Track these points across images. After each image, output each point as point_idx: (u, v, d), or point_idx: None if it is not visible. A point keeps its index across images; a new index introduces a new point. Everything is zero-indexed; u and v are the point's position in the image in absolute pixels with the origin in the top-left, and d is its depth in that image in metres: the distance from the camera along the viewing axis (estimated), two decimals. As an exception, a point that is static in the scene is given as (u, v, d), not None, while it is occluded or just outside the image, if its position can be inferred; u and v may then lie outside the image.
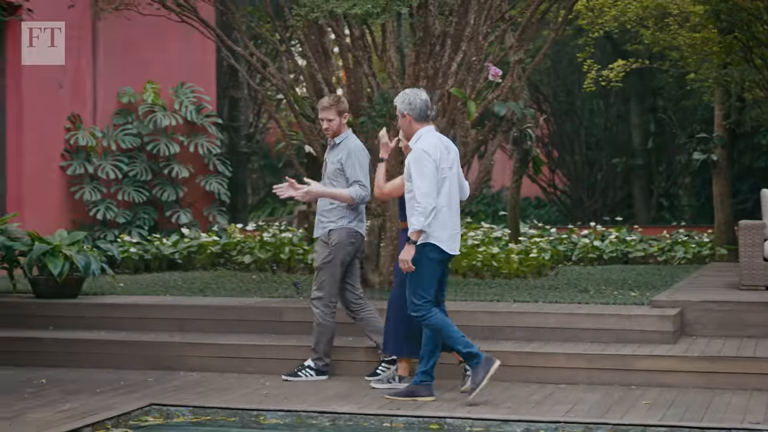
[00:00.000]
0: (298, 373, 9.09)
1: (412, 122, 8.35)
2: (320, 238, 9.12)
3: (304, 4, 10.29)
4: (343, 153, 9.11)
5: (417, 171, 8.10)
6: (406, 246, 8.10)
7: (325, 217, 9.12)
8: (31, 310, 10.83)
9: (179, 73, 16.58)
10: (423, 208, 8.02)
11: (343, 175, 9.07)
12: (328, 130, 9.18)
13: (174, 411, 8.04)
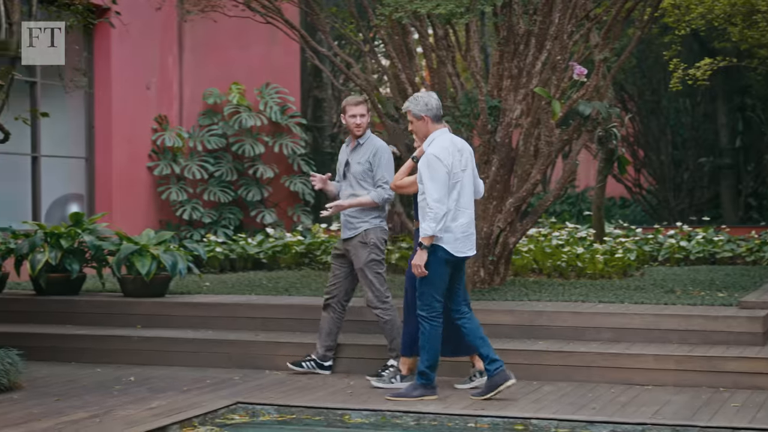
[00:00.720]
0: (383, 373, 9.02)
1: (429, 123, 8.38)
2: (356, 239, 9.19)
3: (387, 4, 10.30)
4: (370, 153, 9.24)
5: (428, 176, 8.16)
6: (419, 251, 8.17)
7: (357, 217, 9.22)
8: (119, 308, 10.98)
9: (264, 74, 16.71)
10: (435, 214, 8.08)
11: (371, 174, 9.22)
12: (360, 126, 9.27)
13: (259, 409, 8.10)
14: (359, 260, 9.17)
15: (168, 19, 15.49)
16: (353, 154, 9.32)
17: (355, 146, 9.32)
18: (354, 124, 9.27)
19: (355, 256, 9.19)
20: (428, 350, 8.30)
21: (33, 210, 14.12)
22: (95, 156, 14.90)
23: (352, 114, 9.26)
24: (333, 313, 9.37)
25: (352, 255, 9.23)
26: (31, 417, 7.68)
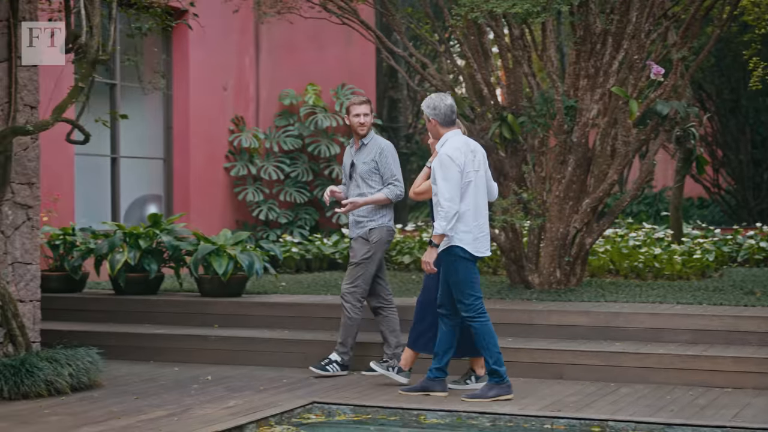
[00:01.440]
0: (326, 368, 9.28)
1: (437, 126, 8.47)
2: (359, 236, 9.34)
3: (463, 4, 10.27)
4: (375, 152, 9.36)
5: (441, 176, 8.23)
6: (429, 248, 8.27)
7: (365, 216, 9.34)
8: (196, 308, 11.08)
9: (339, 75, 16.76)
10: (446, 213, 8.16)
11: (378, 173, 9.34)
12: (363, 125, 9.39)
13: (335, 409, 8.12)
14: (356, 255, 9.33)
15: (245, 21, 15.61)
16: (358, 155, 9.44)
17: (359, 147, 9.45)
18: (358, 124, 9.41)
19: (353, 251, 9.38)
20: (489, 347, 8.34)
21: (112, 210, 14.30)
22: (173, 157, 15.05)
23: (356, 114, 9.41)
24: (381, 312, 9.48)
25: (351, 250, 9.42)
26: (110, 415, 7.79)
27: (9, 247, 8.90)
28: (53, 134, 9.88)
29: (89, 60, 8.69)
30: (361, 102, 9.49)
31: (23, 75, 8.98)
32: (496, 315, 9.99)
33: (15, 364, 8.37)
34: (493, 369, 8.33)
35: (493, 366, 8.31)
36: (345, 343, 9.35)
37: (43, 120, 8.79)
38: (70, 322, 11.11)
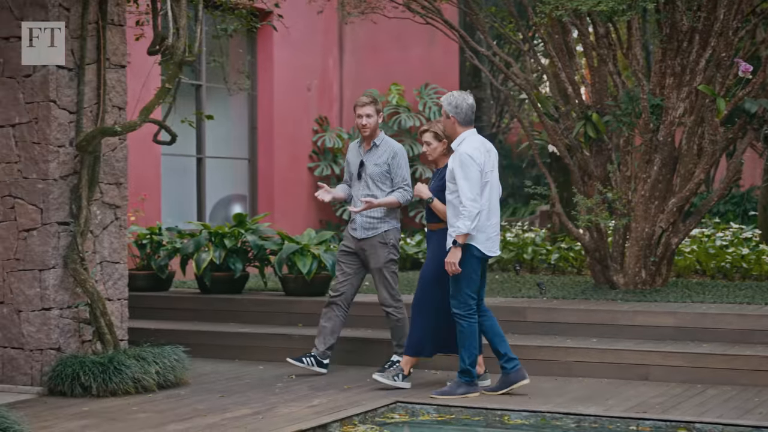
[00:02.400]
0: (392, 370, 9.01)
1: (455, 125, 8.49)
2: (375, 239, 9.27)
3: (548, 2, 10.22)
4: (388, 154, 9.29)
5: (462, 175, 8.23)
6: (453, 249, 8.25)
7: (376, 218, 9.29)
8: (281, 307, 11.15)
9: (423, 75, 16.76)
10: (469, 212, 8.18)
11: (389, 176, 9.29)
12: (366, 126, 9.27)
13: (419, 409, 8.13)
14: (378, 260, 9.27)
15: (329, 22, 15.68)
16: (369, 155, 9.34)
17: (370, 147, 9.35)
18: (360, 125, 9.32)
19: (374, 256, 9.29)
20: (468, 347, 8.43)
21: (198, 210, 14.45)
22: (258, 157, 15.17)
23: (359, 114, 9.31)
24: (338, 311, 9.45)
25: (369, 254, 9.31)
26: (196, 413, 7.87)
27: (97, 246, 9.04)
28: (141, 135, 10.02)
29: (176, 61, 8.79)
30: (364, 103, 9.32)
31: (112, 77, 9.12)
32: (581, 315, 9.95)
33: (103, 362, 8.50)
34: (466, 369, 8.42)
35: (468, 366, 8.41)
36: (401, 343, 9.27)
37: (131, 121, 8.90)
38: (157, 320, 11.25)
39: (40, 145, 8.69)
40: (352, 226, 9.42)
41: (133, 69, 9.75)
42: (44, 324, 8.67)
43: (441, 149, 8.80)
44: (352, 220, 9.43)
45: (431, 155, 8.85)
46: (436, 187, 8.74)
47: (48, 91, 8.66)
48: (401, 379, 8.78)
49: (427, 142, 8.83)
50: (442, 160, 8.84)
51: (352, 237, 9.40)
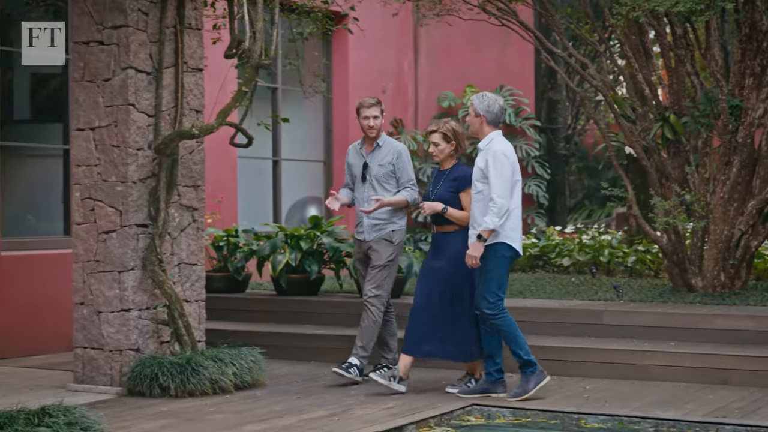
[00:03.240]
0: (348, 371, 9.02)
1: (484, 124, 8.55)
2: (382, 238, 9.20)
3: (624, 3, 10.14)
4: (392, 155, 9.24)
5: (496, 172, 8.29)
6: (476, 242, 8.24)
7: (384, 219, 9.21)
8: (356, 309, 11.11)
9: (498, 77, 16.71)
10: (498, 209, 8.22)
11: (394, 176, 9.23)
12: (373, 128, 9.24)
13: (495, 411, 8.11)
14: (381, 257, 9.19)
15: (404, 24, 15.69)
16: (373, 156, 9.29)
17: (373, 148, 9.30)
18: (367, 127, 9.27)
19: (377, 253, 9.20)
20: (515, 340, 8.42)
21: (274, 212, 14.53)
22: (333, 159, 15.22)
23: (365, 116, 9.28)
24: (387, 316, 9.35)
25: (373, 252, 9.22)
26: (272, 414, 7.91)
27: (175, 248, 9.12)
28: (217, 138, 10.11)
29: (252, 64, 8.86)
30: (371, 104, 9.33)
31: (189, 80, 9.21)
32: (658, 318, 9.86)
33: (181, 363, 8.58)
34: (528, 360, 8.39)
35: (526, 357, 8.40)
36: (367, 347, 9.16)
37: (208, 124, 8.98)
38: (234, 321, 11.33)
39: (120, 148, 8.79)
40: (358, 230, 9.34)
41: (210, 72, 9.83)
42: (123, 325, 8.77)
43: (449, 151, 8.75)
44: (358, 224, 9.34)
45: (438, 156, 8.78)
46: (445, 190, 8.69)
47: (127, 94, 8.76)
48: (398, 382, 8.67)
49: (435, 142, 8.75)
50: (449, 162, 8.80)
51: (360, 241, 9.34)
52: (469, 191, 8.58)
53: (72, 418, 6.59)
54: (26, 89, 12.17)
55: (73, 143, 9.10)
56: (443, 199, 8.66)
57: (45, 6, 11.38)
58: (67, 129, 11.45)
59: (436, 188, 8.76)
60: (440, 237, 8.77)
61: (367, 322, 9.17)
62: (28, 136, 11.97)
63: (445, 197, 8.67)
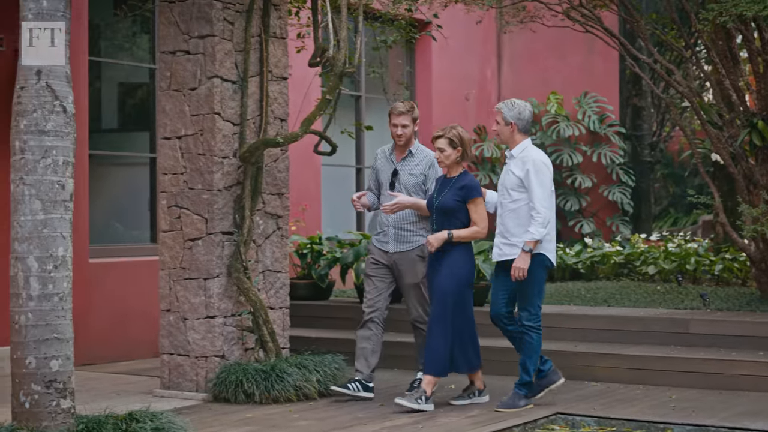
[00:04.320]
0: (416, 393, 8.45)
1: (515, 132, 8.39)
2: (413, 253, 8.81)
3: (711, 8, 10.02)
4: (425, 164, 8.86)
5: (538, 181, 8.21)
6: (523, 254, 8.12)
7: (411, 231, 8.85)
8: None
9: (582, 83, 16.62)
10: (543, 218, 8.14)
11: (424, 187, 8.83)
12: (401, 137, 8.83)
13: (579, 420, 8.05)
14: (416, 275, 8.81)
15: (487, 32, 15.66)
16: (404, 164, 8.90)
17: (405, 156, 8.91)
18: (395, 134, 8.86)
19: (410, 271, 8.82)
20: (534, 357, 8.34)
21: (357, 220, 14.57)
22: (416, 167, 15.23)
23: (394, 123, 8.86)
24: (376, 329, 8.93)
25: (405, 268, 8.82)
26: (356, 421, 7.94)
27: (260, 255, 9.20)
28: (302, 146, 10.19)
29: (336, 73, 8.91)
30: (400, 112, 8.87)
31: (274, 89, 9.28)
32: (745, 328, 9.71)
33: (266, 369, 8.64)
34: (529, 381, 8.35)
35: (530, 377, 8.35)
36: None
37: (293, 132, 9.04)
38: (317, 329, 11.39)
39: (205, 156, 8.89)
40: (381, 239, 8.94)
41: (294, 81, 9.90)
42: (209, 332, 8.86)
43: (455, 157, 8.42)
44: (381, 232, 8.93)
45: (444, 162, 8.44)
46: (451, 198, 8.41)
47: (213, 103, 8.86)
48: (425, 401, 8.32)
49: (441, 148, 8.42)
50: (456, 169, 8.48)
51: (382, 251, 8.92)
52: (476, 201, 8.36)
53: (159, 423, 6.68)
54: (114, 99, 12.36)
55: (160, 152, 9.22)
56: (448, 207, 8.38)
57: (133, 17, 11.54)
58: (154, 138, 11.62)
59: (441, 195, 8.46)
60: (445, 248, 8.41)
61: (422, 339, 8.85)
62: (116, 145, 12.15)
63: (450, 205, 8.38)
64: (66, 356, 6.48)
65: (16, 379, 6.45)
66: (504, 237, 8.31)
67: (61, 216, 6.50)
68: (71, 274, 6.56)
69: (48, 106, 6.49)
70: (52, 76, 6.50)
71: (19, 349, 6.43)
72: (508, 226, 8.29)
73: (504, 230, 8.33)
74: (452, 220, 8.39)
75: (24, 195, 6.46)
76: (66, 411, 6.45)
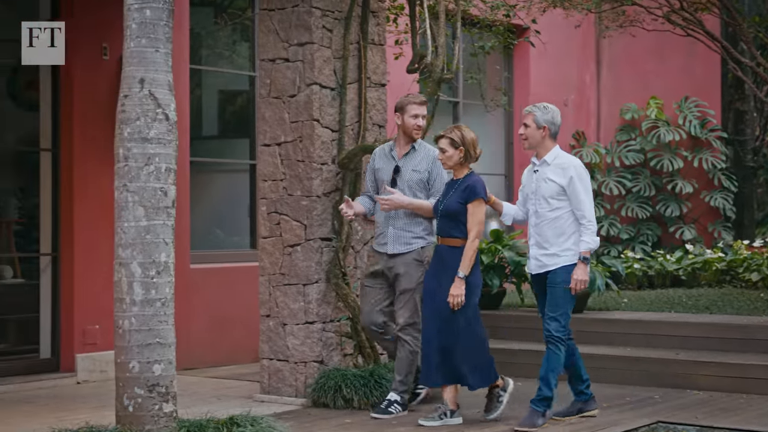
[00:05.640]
0: (389, 410, 8.25)
1: (546, 138, 8.02)
2: (410, 256, 8.33)
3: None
4: (429, 160, 8.37)
5: (583, 188, 7.90)
6: (582, 265, 7.84)
7: (411, 232, 8.36)
8: (537, 323, 11.05)
9: (682, 88, 16.41)
10: (594, 226, 7.90)
11: (426, 184, 8.37)
12: (421, 128, 8.42)
13: (681, 429, 7.94)
14: (411, 280, 8.30)
15: (586, 36, 15.55)
16: (406, 160, 8.42)
17: (408, 151, 8.43)
18: (415, 126, 8.37)
19: (406, 276, 8.31)
20: (556, 372, 7.90)
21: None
22: (514, 173, 15.17)
23: (415, 114, 8.37)
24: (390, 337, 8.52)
25: (401, 272, 8.33)
26: (455, 428, 7.91)
27: (358, 261, 9.23)
28: (400, 152, 10.17)
29: (434, 79, 8.92)
30: (422, 102, 8.42)
31: (372, 95, 9.31)
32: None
33: (364, 375, 8.66)
34: (550, 396, 7.89)
35: (551, 394, 7.88)
36: (405, 380, 8.40)
37: (391, 138, 9.06)
38: (415, 335, 11.38)
39: (304, 162, 8.95)
40: (380, 241, 8.48)
41: (392, 87, 9.93)
42: (308, 337, 8.91)
43: (457, 158, 8.02)
44: (380, 234, 8.48)
45: (446, 163, 8.06)
46: (455, 200, 8.00)
47: (312, 110, 8.92)
48: (451, 416, 8.03)
49: (442, 148, 8.03)
50: (461, 170, 8.09)
51: (381, 253, 8.46)
52: (476, 203, 7.95)
53: (259, 428, 6.72)
54: (215, 106, 12.52)
55: (260, 158, 9.31)
56: (452, 210, 7.98)
57: (233, 25, 11.68)
58: (254, 144, 11.74)
59: (446, 198, 8.08)
60: (445, 251, 8.03)
61: (404, 353, 8.35)
62: (216, 152, 12.29)
63: (454, 208, 7.98)
64: (168, 360, 6.57)
65: (119, 382, 6.55)
66: (542, 248, 7.95)
67: (163, 222, 6.59)
68: (173, 280, 6.64)
69: (151, 113, 6.57)
70: (155, 85, 6.58)
71: (122, 354, 6.53)
72: (548, 236, 7.93)
73: (542, 240, 7.96)
74: (458, 224, 8.00)
75: (127, 202, 6.56)
76: (168, 415, 6.54)
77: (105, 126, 9.74)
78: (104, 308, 9.48)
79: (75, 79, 10.29)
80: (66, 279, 10.33)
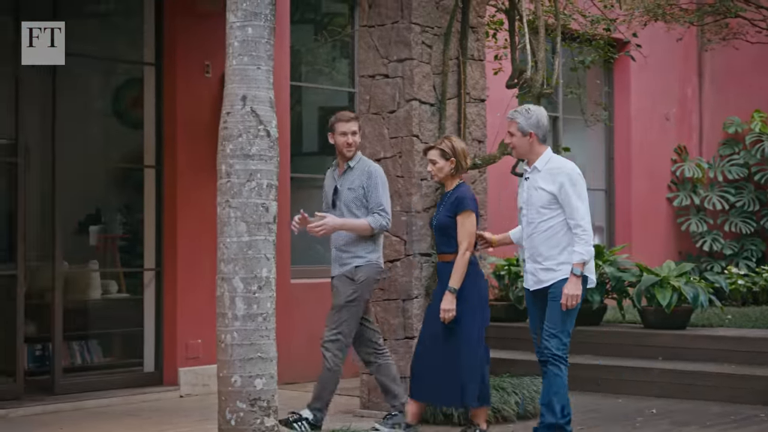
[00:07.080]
0: (294, 425, 7.86)
1: (534, 143, 7.38)
2: (344, 275, 8.01)
3: None
4: (364, 176, 8.02)
5: (577, 194, 7.21)
6: (574, 279, 7.16)
7: (347, 251, 8.04)
8: (639, 340, 10.97)
9: (787, 101, 16.14)
10: (589, 236, 7.20)
11: (364, 201, 8.01)
12: (351, 146, 8.05)
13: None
14: (340, 297, 7.98)
15: (688, 49, 15.38)
16: (343, 179, 8.11)
17: (344, 170, 8.12)
18: (345, 143, 8.04)
19: (336, 292, 8.03)
20: (562, 393, 7.29)
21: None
22: (614, 188, 15.05)
23: (343, 131, 8.05)
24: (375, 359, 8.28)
25: (334, 290, 8.07)
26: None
27: (458, 277, 9.19)
28: (499, 167, 10.17)
29: (534, 94, 8.89)
30: (349, 119, 8.11)
31: (472, 110, 9.31)
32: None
33: (464, 391, 8.62)
34: (557, 425, 7.25)
35: (558, 420, 7.26)
36: (321, 397, 8.02)
37: (491, 154, 9.06)
38: (515, 350, 11.31)
39: (404, 178, 8.97)
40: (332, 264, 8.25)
41: (491, 102, 9.91)
42: (407, 352, 8.90)
43: (448, 169, 7.79)
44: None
45: (437, 175, 7.83)
46: (444, 214, 7.79)
47: (411, 126, 8.94)
48: (403, 429, 7.84)
49: (433, 160, 7.81)
50: (451, 182, 7.86)
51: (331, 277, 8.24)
52: (465, 214, 7.68)
53: (359, 442, 6.76)
54: (314, 122, 12.61)
55: (360, 174, 9.34)
56: (443, 225, 7.76)
57: (333, 42, 11.77)
58: (353, 160, 11.78)
59: (438, 213, 7.91)
60: (441, 267, 7.90)
61: (322, 370, 8.02)
62: (316, 167, 12.37)
63: (444, 222, 7.77)
64: (270, 375, 6.62)
65: (222, 396, 6.62)
66: (537, 262, 7.37)
67: (265, 238, 6.65)
68: (275, 295, 6.70)
69: (253, 130, 6.65)
70: (257, 102, 6.66)
71: (225, 368, 6.60)
72: (541, 250, 7.34)
73: (536, 254, 7.38)
74: (449, 239, 7.77)
75: (230, 217, 6.64)
76: (270, 429, 6.59)
77: (207, 143, 9.88)
78: (207, 322, 9.58)
79: (178, 97, 10.46)
80: (169, 293, 10.48)
